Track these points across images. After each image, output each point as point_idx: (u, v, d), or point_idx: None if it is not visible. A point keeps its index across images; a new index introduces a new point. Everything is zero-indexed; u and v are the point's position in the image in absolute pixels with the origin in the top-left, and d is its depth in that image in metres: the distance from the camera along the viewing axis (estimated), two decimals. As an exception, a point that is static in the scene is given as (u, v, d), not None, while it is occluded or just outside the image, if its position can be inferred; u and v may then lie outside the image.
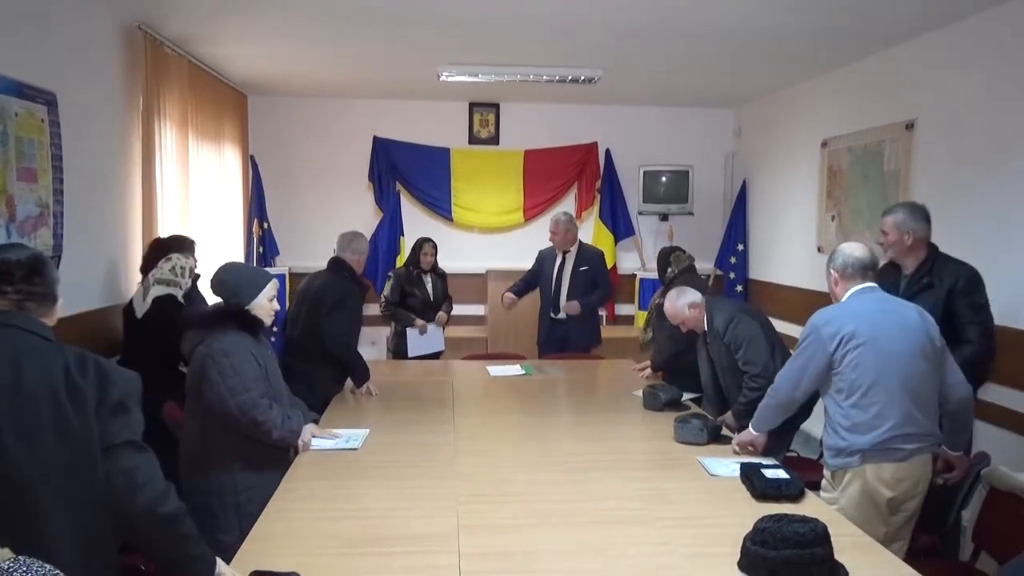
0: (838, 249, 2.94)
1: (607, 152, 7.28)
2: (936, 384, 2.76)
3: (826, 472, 2.90)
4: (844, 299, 2.86)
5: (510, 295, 5.58)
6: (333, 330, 4.11)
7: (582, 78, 5.79)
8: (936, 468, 2.89)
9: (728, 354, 3.63)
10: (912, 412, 2.68)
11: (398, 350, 5.45)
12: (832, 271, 2.91)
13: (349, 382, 4.22)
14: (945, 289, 3.32)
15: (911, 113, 4.70)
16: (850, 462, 2.73)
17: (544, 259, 5.64)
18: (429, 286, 5.51)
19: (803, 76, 5.94)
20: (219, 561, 1.93)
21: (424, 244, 5.53)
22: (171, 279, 4.08)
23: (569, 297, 5.42)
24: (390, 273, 5.74)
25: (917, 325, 2.75)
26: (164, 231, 4.88)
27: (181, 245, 4.35)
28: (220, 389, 2.75)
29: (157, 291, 4.02)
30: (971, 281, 3.35)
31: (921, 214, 3.49)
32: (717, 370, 3.79)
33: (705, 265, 7.16)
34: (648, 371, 4.61)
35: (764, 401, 3.01)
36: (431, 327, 5.45)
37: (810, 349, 2.79)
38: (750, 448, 3.08)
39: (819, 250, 5.65)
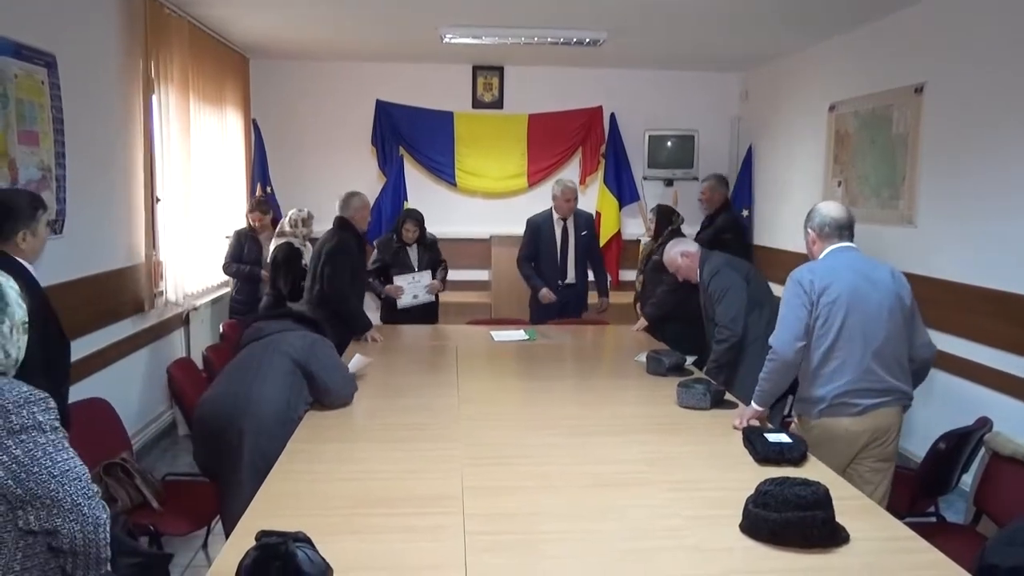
0: (815, 208, 2.96)
1: (612, 116, 7.21)
2: (904, 343, 2.83)
3: (794, 416, 3.05)
4: (821, 257, 2.89)
5: (547, 291, 5.43)
6: (329, 282, 4.38)
7: (587, 40, 5.71)
8: None
9: (711, 304, 3.75)
10: (872, 368, 2.75)
11: (387, 318, 5.33)
12: (809, 230, 2.94)
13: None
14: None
15: (920, 76, 4.64)
16: (810, 411, 2.84)
17: (541, 226, 5.49)
18: (414, 257, 5.28)
19: (811, 39, 5.85)
20: None
21: (406, 220, 5.24)
22: (286, 231, 4.90)
23: (576, 262, 5.46)
24: (374, 243, 5.54)
25: (887, 286, 2.80)
26: (166, 195, 4.88)
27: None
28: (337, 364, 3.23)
29: (274, 242, 4.83)
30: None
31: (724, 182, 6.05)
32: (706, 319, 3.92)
33: (709, 231, 7.14)
34: (642, 323, 4.86)
35: (764, 370, 2.88)
36: (419, 276, 5.23)
37: (796, 301, 2.79)
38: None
39: (825, 216, 5.62)
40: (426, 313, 5.32)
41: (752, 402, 2.95)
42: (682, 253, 4.02)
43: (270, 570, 1.58)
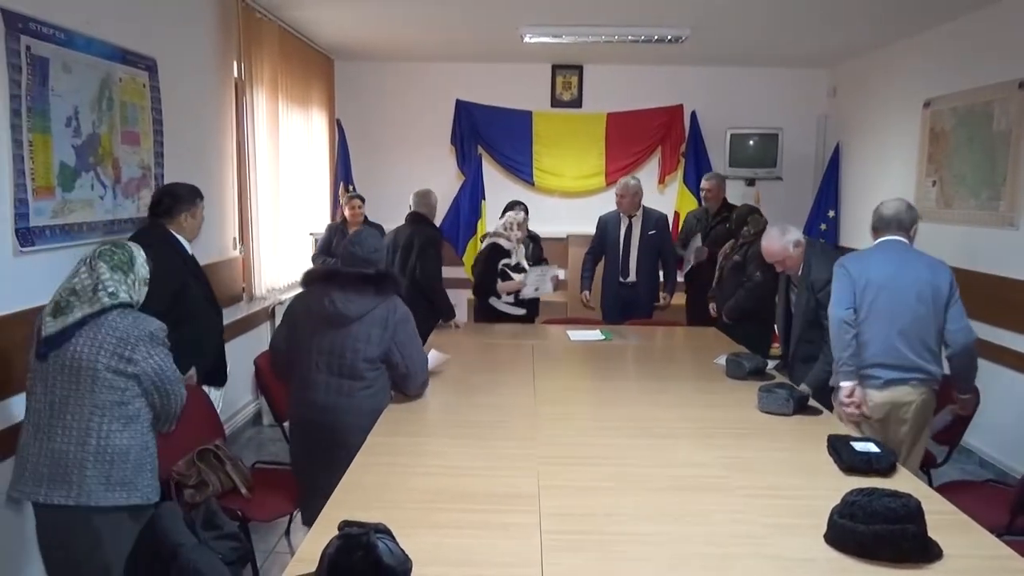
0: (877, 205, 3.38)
1: (693, 114, 7.09)
2: (933, 327, 3.12)
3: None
4: (870, 247, 3.30)
5: (586, 294, 5.59)
6: (423, 270, 4.60)
7: (668, 37, 5.64)
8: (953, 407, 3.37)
9: (813, 309, 3.61)
10: (896, 346, 3.10)
11: (480, 314, 5.36)
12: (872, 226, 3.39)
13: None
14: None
15: (1025, 71, 4.40)
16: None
17: (608, 223, 5.56)
18: (520, 251, 5.40)
19: (905, 32, 5.62)
20: None
21: (514, 207, 5.38)
22: (499, 231, 5.01)
23: (638, 262, 5.42)
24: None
25: (921, 274, 3.12)
26: (256, 193, 5.05)
27: None
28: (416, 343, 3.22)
29: (488, 240, 5.06)
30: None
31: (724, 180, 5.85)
32: (793, 318, 3.78)
33: (793, 232, 6.95)
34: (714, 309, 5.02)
35: (831, 341, 3.23)
36: (546, 270, 5.22)
37: (842, 277, 3.22)
38: (855, 409, 3.19)
39: (917, 217, 5.39)
40: (530, 309, 5.37)
41: (840, 382, 3.21)
42: (795, 243, 3.68)
43: (352, 559, 1.62)
